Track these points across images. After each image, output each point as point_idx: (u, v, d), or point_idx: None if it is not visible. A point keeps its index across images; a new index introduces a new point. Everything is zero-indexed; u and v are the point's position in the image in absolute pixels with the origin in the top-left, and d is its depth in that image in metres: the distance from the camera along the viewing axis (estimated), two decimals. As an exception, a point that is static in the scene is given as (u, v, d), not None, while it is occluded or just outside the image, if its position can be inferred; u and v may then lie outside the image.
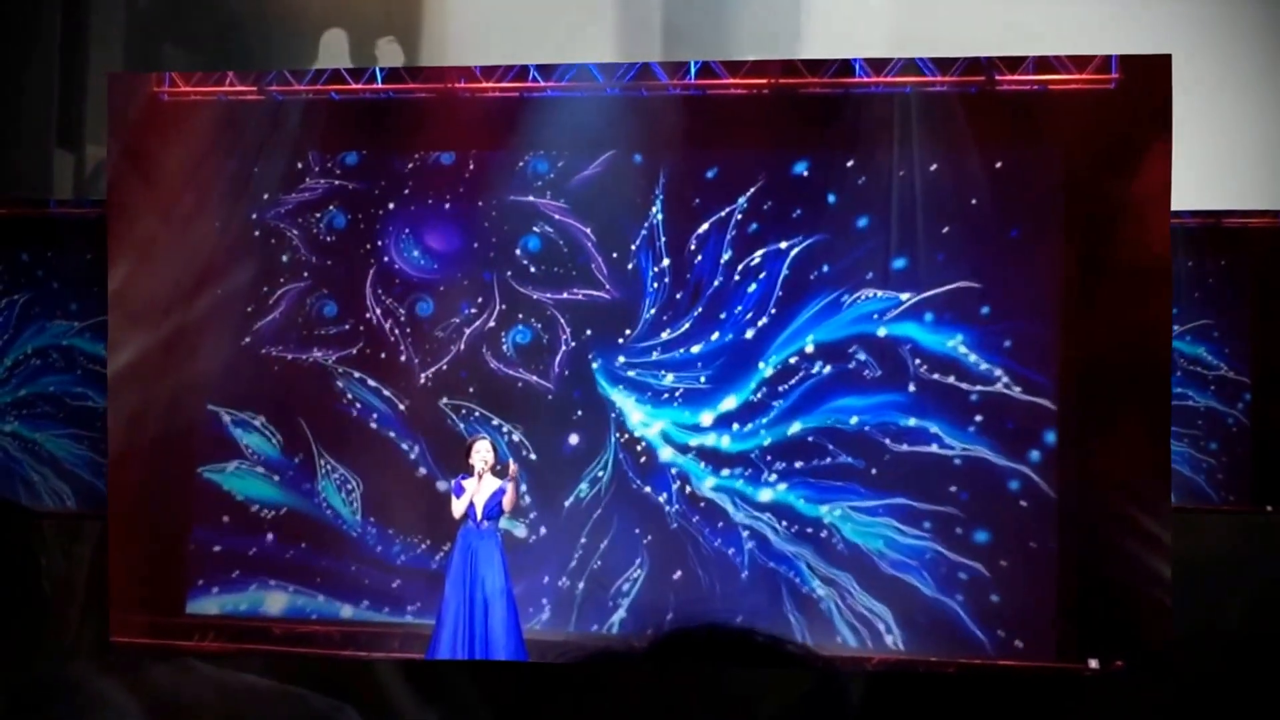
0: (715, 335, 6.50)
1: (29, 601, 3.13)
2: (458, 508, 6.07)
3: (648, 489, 6.52)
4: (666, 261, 6.51)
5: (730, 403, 6.47)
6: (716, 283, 6.48)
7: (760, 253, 6.43)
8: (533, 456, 6.56)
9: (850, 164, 6.35)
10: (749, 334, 6.46)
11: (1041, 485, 6.21)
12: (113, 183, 6.43)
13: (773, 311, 6.43)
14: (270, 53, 6.92)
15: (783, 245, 6.42)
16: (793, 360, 6.42)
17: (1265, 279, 6.87)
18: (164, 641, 6.42)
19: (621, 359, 6.57)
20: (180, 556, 6.73)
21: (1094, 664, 6.03)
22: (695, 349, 6.50)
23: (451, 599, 6.02)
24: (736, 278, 6.47)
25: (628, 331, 6.56)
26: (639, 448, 6.55)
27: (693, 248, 6.49)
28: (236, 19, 7.01)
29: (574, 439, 6.57)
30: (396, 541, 6.64)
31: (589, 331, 6.59)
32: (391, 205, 6.73)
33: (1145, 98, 5.88)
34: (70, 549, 6.52)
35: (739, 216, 6.46)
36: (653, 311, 6.53)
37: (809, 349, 6.40)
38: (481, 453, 6.09)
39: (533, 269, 6.62)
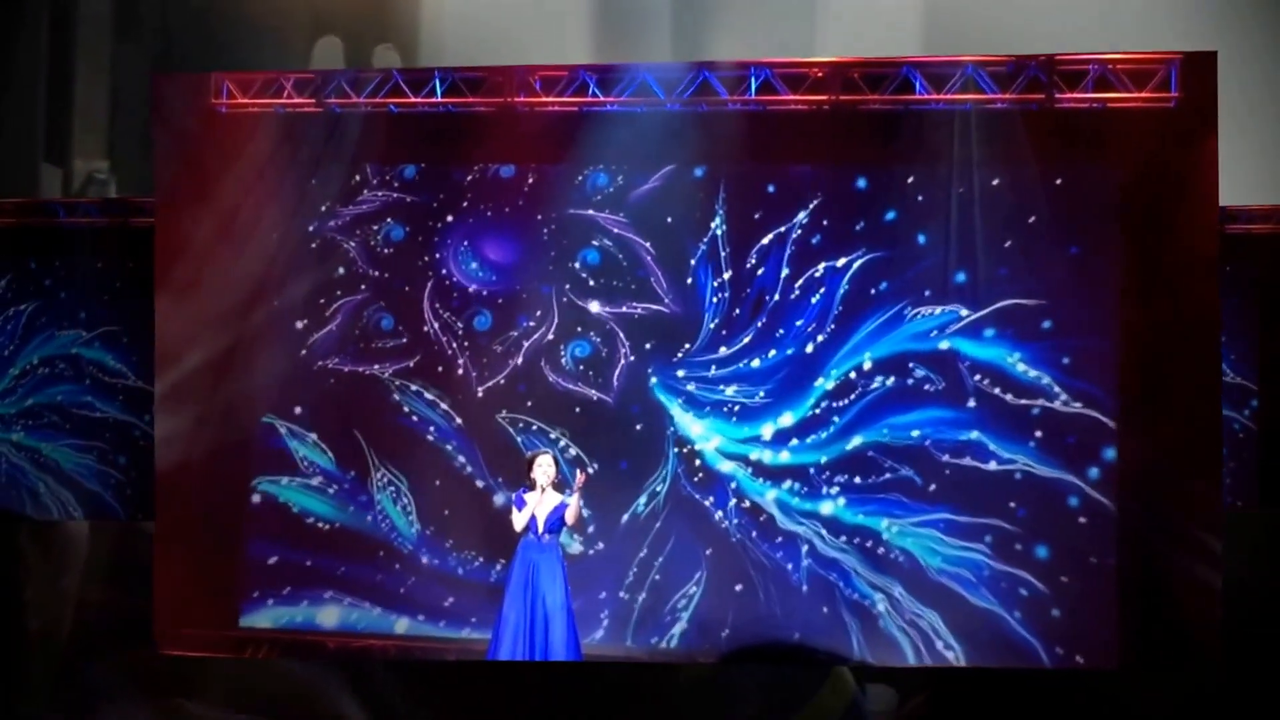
0: (774, 350, 7.06)
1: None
2: (519, 521, 6.36)
3: (706, 502, 7.03)
4: (726, 275, 7.09)
5: (789, 417, 7.04)
6: (776, 297, 7.03)
7: (820, 267, 7.03)
8: (590, 470, 7.09)
9: (910, 180, 6.92)
10: (808, 348, 7.04)
11: (1102, 501, 6.68)
12: (161, 192, 6.87)
13: (832, 326, 7.00)
14: (263, 61, 7.22)
15: (842, 260, 7.02)
16: (852, 375, 6.98)
17: (1269, 285, 7.28)
18: (216, 654, 6.85)
19: (680, 373, 7.11)
20: (234, 569, 7.28)
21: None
22: (754, 363, 7.08)
23: (510, 612, 6.33)
24: (796, 292, 7.04)
25: (687, 345, 7.16)
26: (697, 462, 7.10)
27: (752, 262, 7.06)
28: (227, 25, 7.29)
29: (632, 453, 7.06)
30: (453, 555, 7.18)
31: (648, 345, 7.23)
32: (450, 218, 7.31)
33: (1212, 113, 6.30)
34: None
35: (799, 231, 7.02)
36: (712, 325, 7.10)
37: (868, 364, 6.97)
38: (544, 467, 6.37)
39: (592, 282, 7.23)
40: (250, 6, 7.15)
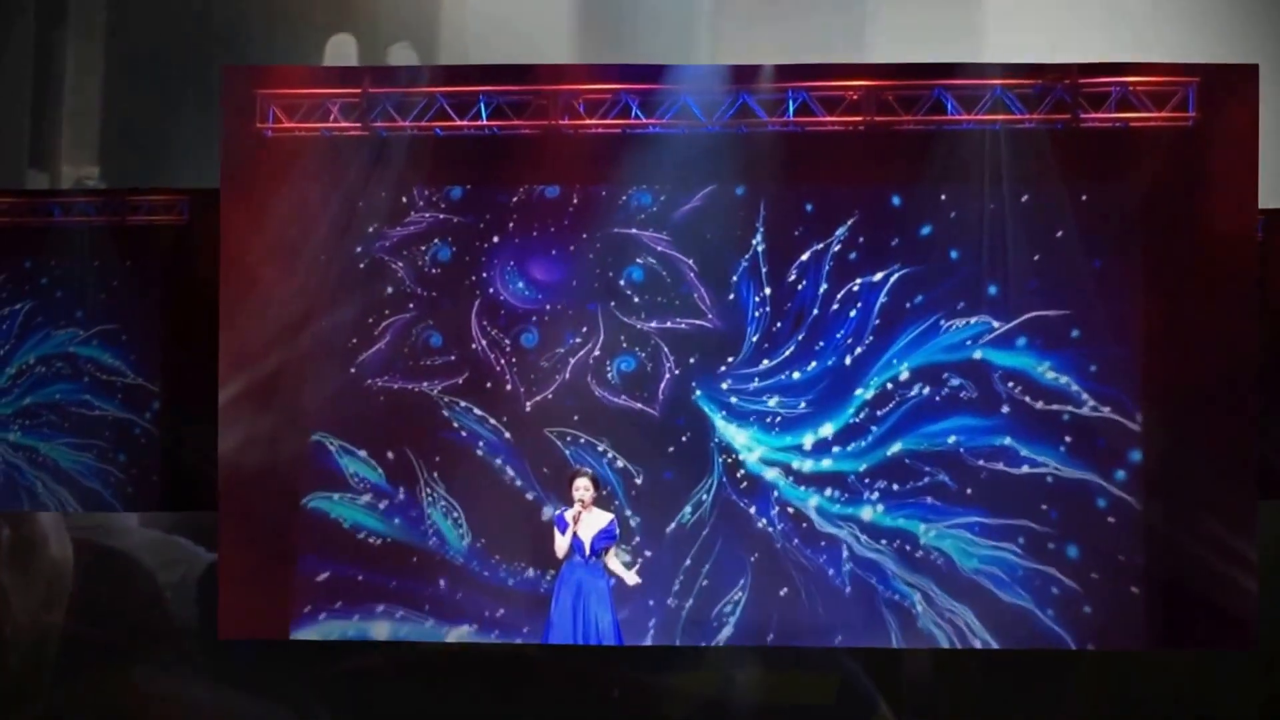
0: (814, 362, 8.14)
1: None
2: (561, 545, 7.11)
3: (750, 510, 8.05)
4: (767, 291, 8.17)
5: (829, 426, 8.14)
6: (816, 311, 8.11)
7: (858, 282, 8.14)
8: (638, 481, 8.19)
9: (943, 197, 8.03)
10: (848, 360, 8.12)
11: (1129, 501, 7.73)
12: (226, 213, 7.83)
13: (870, 338, 8.08)
14: (272, 58, 7.92)
15: (879, 275, 8.12)
16: (889, 385, 8.05)
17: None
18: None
19: (724, 385, 8.15)
20: (287, 585, 8.19)
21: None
22: (795, 375, 8.16)
23: (555, 636, 7.09)
24: (835, 306, 8.14)
25: (730, 359, 8.26)
26: (741, 471, 8.18)
27: (793, 278, 8.13)
28: (234, 23, 7.93)
29: (677, 463, 8.07)
30: (503, 566, 8.16)
31: (692, 359, 8.41)
32: (496, 238, 8.34)
33: (1227, 131, 7.34)
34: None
35: (837, 248, 8.10)
36: (754, 339, 8.18)
37: (905, 374, 7.99)
38: (580, 490, 7.15)
39: (636, 299, 8.35)
40: (257, 2, 7.82)
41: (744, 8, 7.97)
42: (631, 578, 7.07)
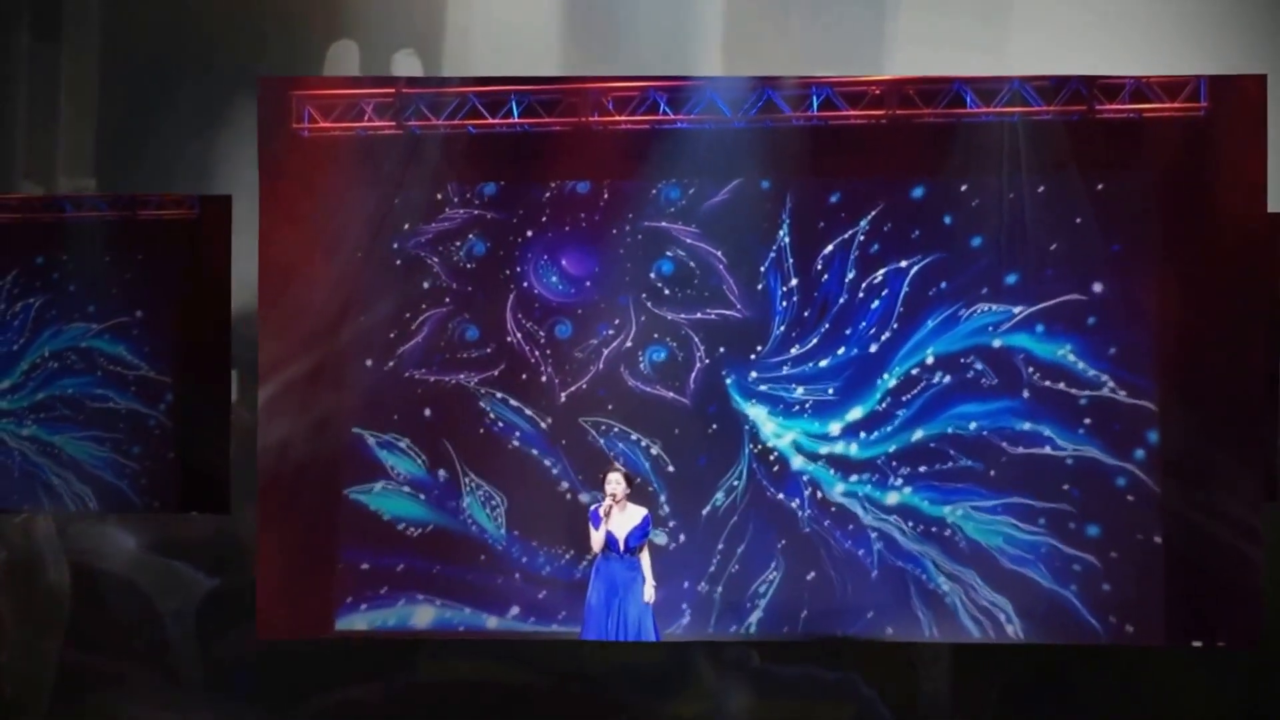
0: (841, 350, 8.83)
1: None
2: (596, 540, 7.32)
3: (781, 496, 8.72)
4: (794, 281, 8.88)
5: (857, 412, 8.84)
6: (841, 300, 8.81)
7: (882, 271, 8.86)
8: (670, 468, 8.95)
9: (964, 188, 8.73)
10: (873, 348, 8.87)
11: (1147, 481, 8.40)
12: (266, 210, 8.37)
13: (895, 326, 8.82)
14: (272, 67, 7.95)
15: (903, 264, 8.88)
16: (914, 371, 8.70)
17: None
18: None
19: (753, 374, 8.85)
20: (329, 576, 8.89)
21: (1197, 645, 8.10)
22: (823, 363, 8.91)
23: (593, 628, 7.36)
24: (860, 295, 8.87)
25: (759, 348, 9.03)
26: (771, 457, 8.95)
27: (819, 268, 8.88)
28: (229, 28, 7.86)
29: (709, 451, 8.75)
30: (540, 553, 8.85)
31: (722, 349, 9.24)
32: (530, 233, 9.08)
33: (1236, 121, 7.99)
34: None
35: (861, 238, 8.80)
36: (782, 329, 8.90)
37: (929, 360, 8.67)
38: (612, 484, 7.42)
39: (667, 291, 9.08)
40: (255, 8, 7.99)
41: (759, 24, 8.34)
42: (649, 594, 7.37)
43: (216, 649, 7.61)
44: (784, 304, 9.10)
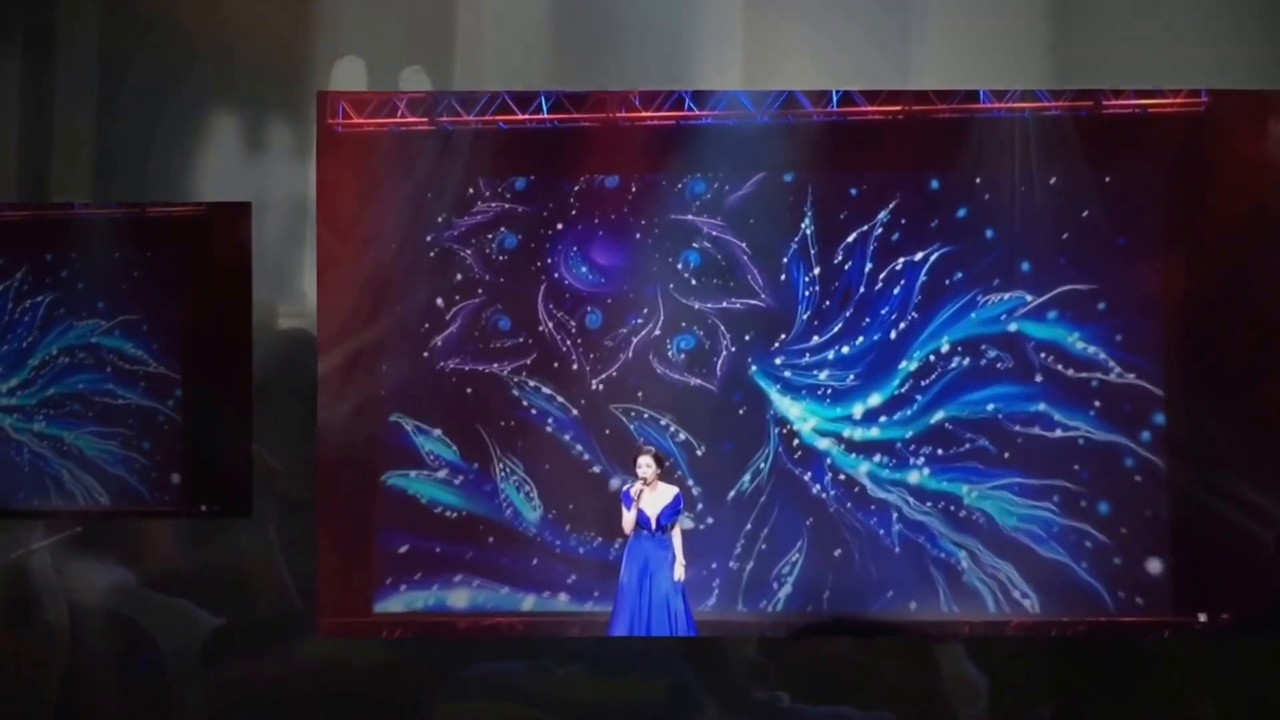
0: (862, 337, 9.83)
1: None
2: (628, 520, 7.94)
3: (805, 477, 9.71)
4: (816, 271, 9.87)
5: (877, 397, 9.87)
6: (862, 289, 9.77)
7: (900, 262, 9.80)
8: (699, 453, 9.91)
9: (978, 181, 9.73)
10: (892, 335, 9.83)
11: (1153, 460, 9.38)
12: (322, 210, 9.06)
13: (913, 314, 9.83)
14: (272, 76, 8.10)
15: (920, 255, 9.84)
16: (932, 357, 9.73)
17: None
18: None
19: (778, 360, 9.83)
20: (368, 559, 9.82)
21: (1203, 618, 9.05)
22: (844, 350, 9.92)
23: (626, 604, 7.96)
24: (879, 285, 9.86)
25: (783, 335, 10.06)
26: (795, 440, 9.90)
27: (839, 258, 9.87)
28: (228, 47, 8.00)
29: (736, 435, 9.77)
30: (574, 536, 9.78)
31: (747, 336, 10.26)
32: (560, 225, 10.04)
33: (1237, 113, 8.93)
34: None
35: (880, 229, 9.77)
36: (805, 317, 9.94)
37: (946, 347, 9.59)
38: (642, 467, 8.00)
39: (693, 281, 10.10)
40: (257, 25, 8.06)
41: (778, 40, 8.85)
42: (679, 572, 7.94)
43: (219, 688, 7.67)
44: (807, 293, 10.22)
